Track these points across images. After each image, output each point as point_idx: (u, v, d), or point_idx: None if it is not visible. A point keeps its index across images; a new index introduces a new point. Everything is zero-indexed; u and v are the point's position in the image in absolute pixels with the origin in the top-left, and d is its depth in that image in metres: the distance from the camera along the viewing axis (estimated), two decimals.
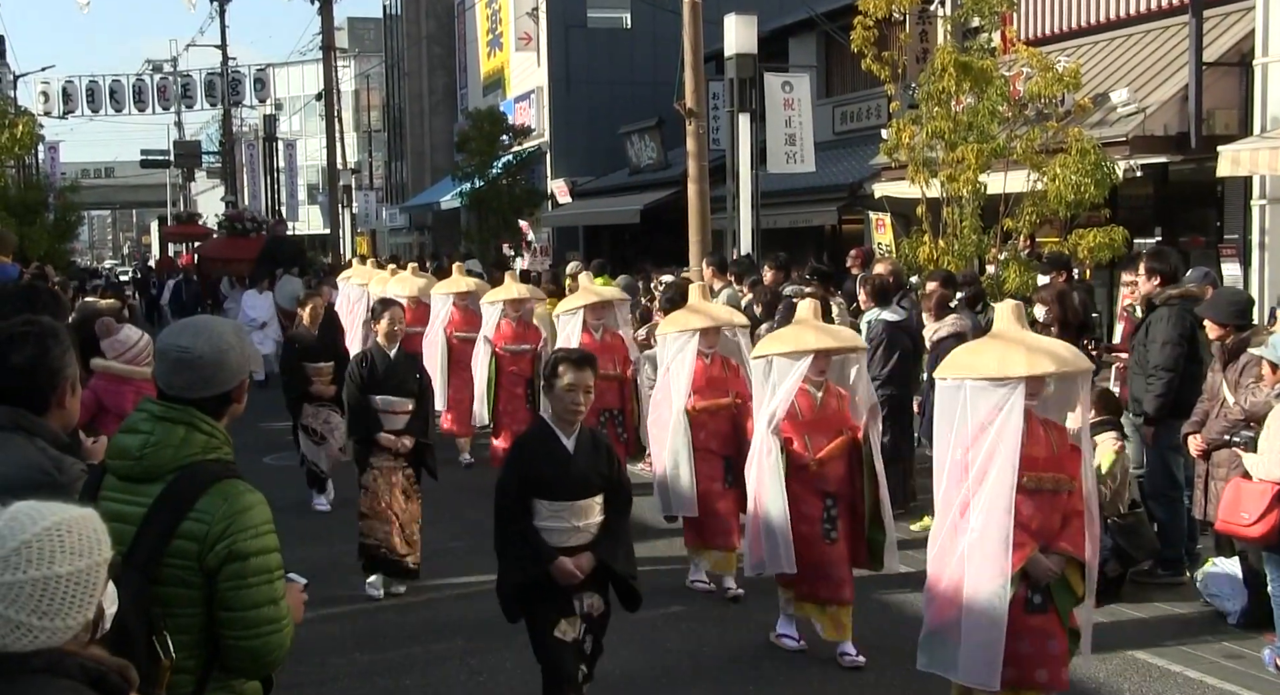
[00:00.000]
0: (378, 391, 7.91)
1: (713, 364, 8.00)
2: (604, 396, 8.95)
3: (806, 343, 6.65)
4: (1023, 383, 5.02)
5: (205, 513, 3.01)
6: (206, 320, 3.32)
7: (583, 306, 9.93)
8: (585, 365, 5.00)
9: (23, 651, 2.16)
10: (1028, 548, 5.02)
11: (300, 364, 10.64)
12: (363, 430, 7.94)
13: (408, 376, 8.08)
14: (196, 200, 58.83)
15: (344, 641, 7.18)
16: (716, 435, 7.94)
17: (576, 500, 5.00)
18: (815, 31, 23.22)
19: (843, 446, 6.71)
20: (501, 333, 11.48)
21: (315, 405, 10.61)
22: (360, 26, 64.19)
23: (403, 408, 7.98)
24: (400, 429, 7.94)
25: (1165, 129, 14.17)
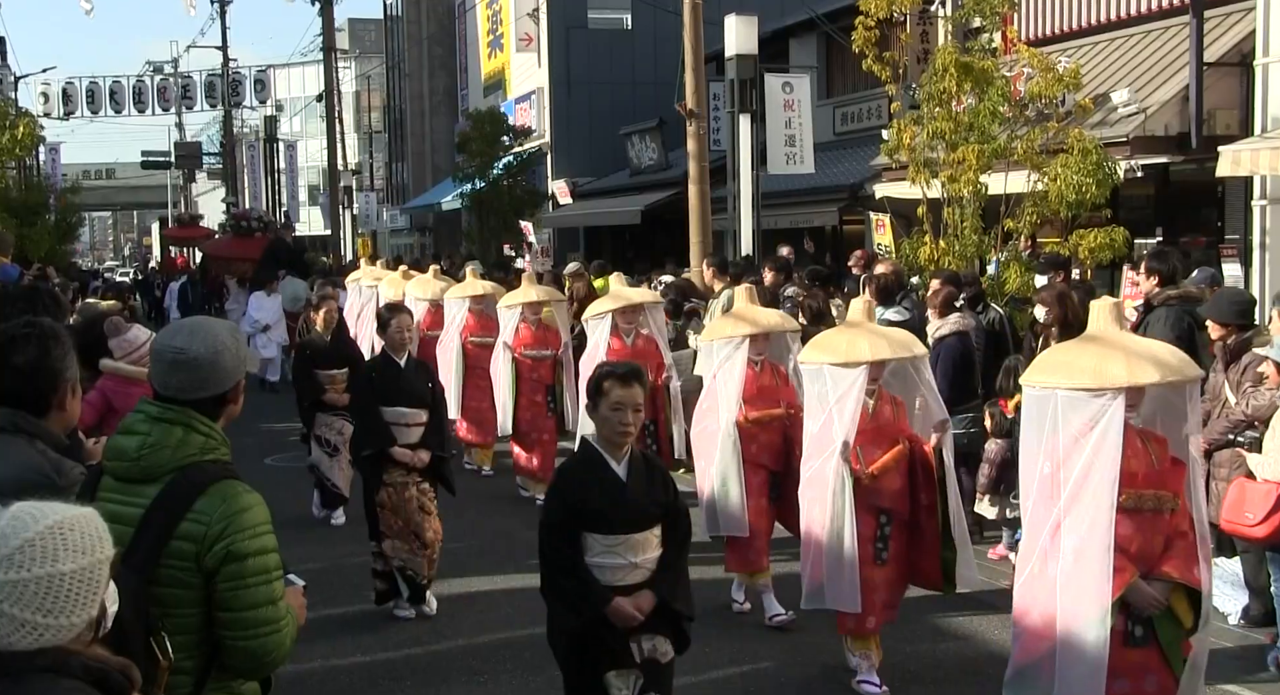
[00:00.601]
0: (388, 403, 7.47)
1: (762, 372, 7.51)
2: None
3: (861, 353, 6.06)
4: (1123, 394, 4.51)
5: (203, 514, 3.01)
6: (202, 321, 3.33)
7: (612, 310, 9.57)
8: (633, 380, 4.47)
9: (27, 650, 2.17)
10: (1127, 573, 4.52)
11: (312, 371, 10.17)
12: (374, 444, 7.45)
13: (420, 386, 7.64)
14: (197, 201, 58.78)
15: (344, 643, 7.18)
16: (767, 449, 7.45)
17: (633, 533, 4.48)
18: (816, 32, 23.21)
19: (899, 458, 6.19)
20: (521, 337, 10.98)
21: (329, 414, 10.10)
22: (361, 27, 64.17)
23: (416, 419, 7.54)
24: (414, 442, 7.50)
25: (1166, 129, 14.16)
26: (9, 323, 3.51)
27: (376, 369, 7.70)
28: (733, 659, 6.85)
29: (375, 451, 7.46)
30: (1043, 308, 8.90)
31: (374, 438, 7.45)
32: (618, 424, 4.44)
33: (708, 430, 7.54)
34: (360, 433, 7.66)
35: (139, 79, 44.05)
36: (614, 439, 4.48)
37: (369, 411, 7.51)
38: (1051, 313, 8.82)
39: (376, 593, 7.68)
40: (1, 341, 3.39)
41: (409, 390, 7.56)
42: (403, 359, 7.66)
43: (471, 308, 12.25)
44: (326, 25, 32.59)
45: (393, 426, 7.47)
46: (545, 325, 11.09)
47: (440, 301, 13.14)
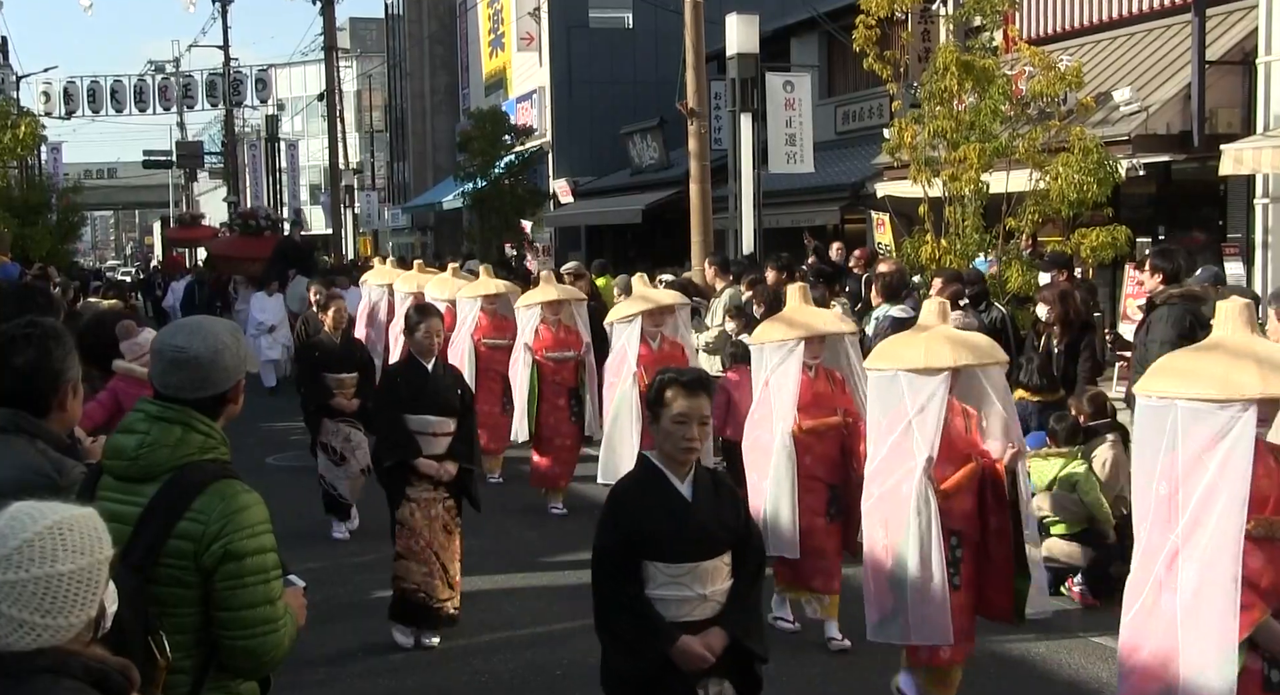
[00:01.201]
0: (415, 410, 6.88)
1: (818, 378, 6.97)
2: None
3: (942, 359, 5.45)
4: (1254, 406, 3.92)
5: (201, 513, 3.00)
6: (202, 320, 3.31)
7: (640, 313, 9.22)
8: (699, 389, 3.99)
9: (26, 650, 2.17)
10: (1256, 611, 3.93)
11: (320, 374, 9.60)
12: (398, 455, 6.84)
13: (449, 392, 7.08)
14: (199, 201, 58.81)
15: (346, 641, 7.17)
16: (823, 461, 6.90)
17: (701, 561, 3.97)
18: (817, 31, 23.21)
19: (972, 477, 5.61)
20: (541, 339, 10.48)
21: (336, 421, 9.52)
22: (362, 27, 64.23)
23: (444, 428, 6.96)
24: (441, 453, 6.93)
25: (1168, 128, 14.15)
26: (10, 323, 3.50)
27: (401, 373, 7.14)
28: None
29: (398, 463, 6.88)
30: (1045, 306, 8.89)
31: (397, 448, 6.86)
32: (682, 439, 3.96)
33: (760, 442, 6.99)
34: (382, 442, 7.01)
35: (140, 78, 44.08)
36: (677, 455, 4.00)
37: (392, 419, 6.89)
38: (1053, 311, 8.82)
39: (392, 614, 7.16)
40: (2, 342, 3.38)
41: (437, 397, 7.00)
42: (430, 363, 7.10)
43: (484, 307, 11.83)
44: (328, 24, 32.59)
45: (418, 436, 6.90)
46: (566, 326, 10.61)
47: (459, 302, 12.64)
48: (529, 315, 10.64)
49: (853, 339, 7.25)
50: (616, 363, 8.95)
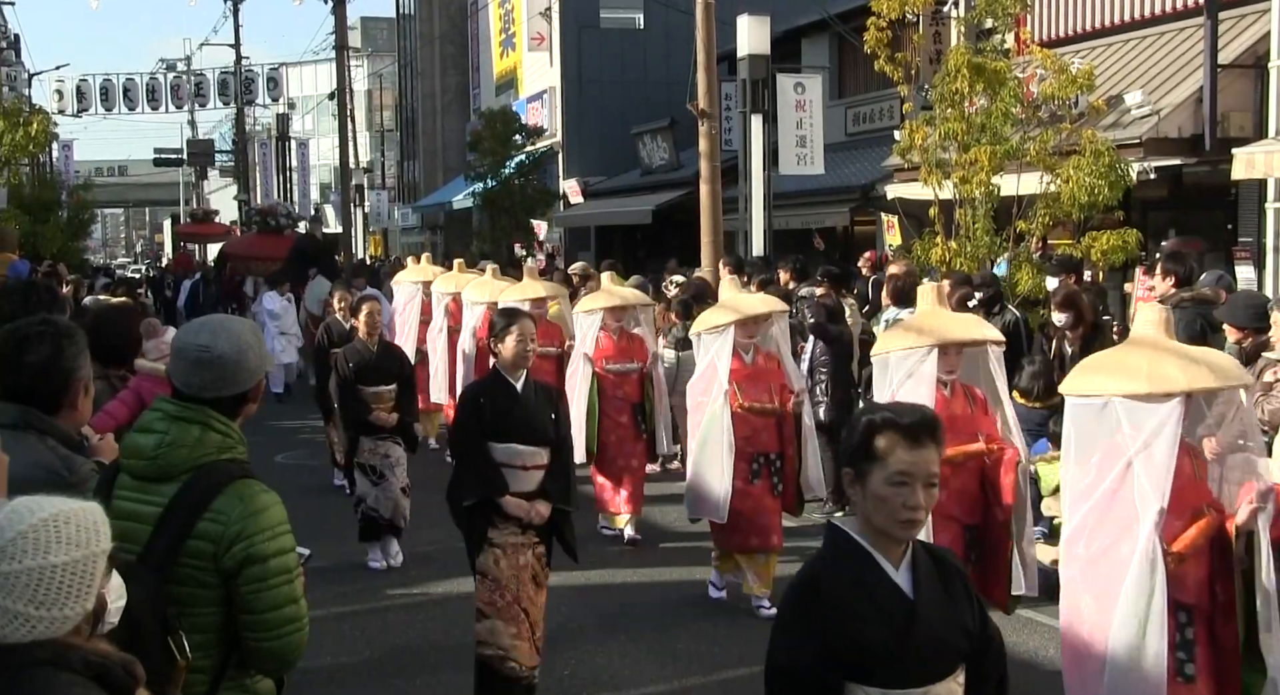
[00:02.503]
0: (501, 438, 5.75)
1: (954, 397, 5.93)
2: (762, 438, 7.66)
3: (1173, 382, 4.35)
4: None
5: (221, 513, 3.01)
6: (225, 320, 3.32)
7: (732, 323, 7.70)
8: (926, 436, 2.80)
9: (22, 642, 2.18)
10: None
11: (355, 387, 8.63)
12: (480, 492, 5.72)
13: (541, 417, 5.87)
14: (209, 198, 58.93)
15: (354, 640, 7.19)
16: (960, 497, 5.74)
17: (931, 684, 2.82)
18: (828, 32, 23.19)
19: (1209, 535, 4.46)
20: (602, 348, 9.43)
21: (374, 439, 8.63)
22: (373, 26, 64.31)
23: (535, 461, 5.81)
24: (531, 490, 5.78)
25: (1179, 131, 14.13)
26: (24, 320, 3.52)
27: (485, 393, 5.91)
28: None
29: (480, 502, 5.75)
30: (1060, 313, 8.90)
31: (479, 483, 5.73)
32: (902, 507, 2.76)
33: None
34: (462, 477, 5.83)
35: (152, 76, 44.32)
36: (892, 530, 2.79)
37: (474, 449, 5.79)
38: (1069, 316, 8.83)
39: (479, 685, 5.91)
40: (16, 339, 3.39)
41: (527, 422, 5.82)
42: (519, 380, 5.88)
43: (531, 312, 10.99)
44: (339, 24, 32.59)
45: (504, 469, 5.77)
46: (630, 334, 9.61)
47: None
48: (588, 322, 9.63)
49: (998, 349, 6.16)
50: (705, 379, 7.68)
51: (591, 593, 8.01)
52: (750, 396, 7.52)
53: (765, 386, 7.61)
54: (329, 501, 10.59)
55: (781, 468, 7.63)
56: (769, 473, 7.58)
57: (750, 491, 7.49)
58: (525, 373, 5.90)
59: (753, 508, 7.49)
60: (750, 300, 8.09)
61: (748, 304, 7.89)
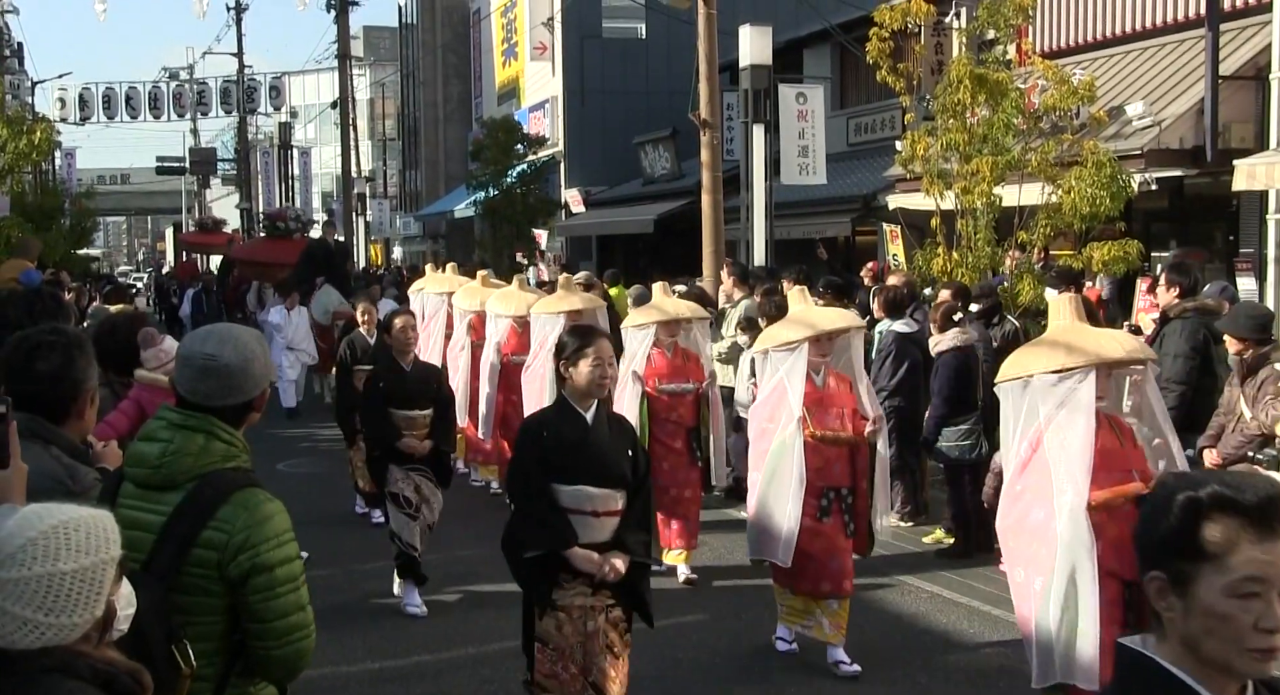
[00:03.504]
0: (569, 479, 4.88)
1: (1103, 429, 5.03)
2: None
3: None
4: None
5: (226, 522, 3.02)
6: (230, 328, 3.33)
7: (805, 339, 6.80)
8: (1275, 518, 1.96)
9: (31, 649, 2.18)
10: None
11: (387, 410, 7.80)
12: (545, 544, 4.84)
13: (616, 455, 5.00)
14: (211, 207, 59.03)
15: (355, 649, 7.19)
16: (1116, 546, 4.81)
17: None
18: (830, 43, 23.24)
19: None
20: (654, 366, 8.56)
21: (406, 467, 7.76)
22: (376, 35, 64.43)
23: (609, 505, 4.93)
24: (605, 540, 4.90)
25: (1181, 142, 14.14)
26: (34, 328, 3.53)
27: (550, 424, 5.03)
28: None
29: (545, 554, 4.85)
30: None
31: (543, 533, 4.85)
32: (1253, 630, 1.95)
33: (1031, 522, 5.04)
34: (523, 525, 4.94)
35: (155, 85, 44.37)
36: (1237, 661, 1.97)
37: (536, 492, 4.90)
38: None
39: None
40: (27, 347, 3.40)
41: (601, 460, 4.95)
42: (590, 411, 5.02)
43: (565, 326, 8.96)
44: (342, 33, 32.71)
45: (572, 516, 4.88)
46: (685, 351, 8.73)
47: (527, 319, 10.75)
48: (639, 338, 8.70)
49: (1153, 366, 5.58)
50: (772, 404, 6.78)
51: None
52: (822, 423, 6.65)
53: (838, 412, 6.76)
54: (331, 509, 10.57)
55: (853, 504, 6.76)
56: (840, 509, 6.72)
57: (821, 530, 6.62)
58: (597, 403, 5.05)
59: (824, 548, 6.63)
60: (826, 314, 7.12)
61: (823, 318, 6.92)
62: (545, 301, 10.54)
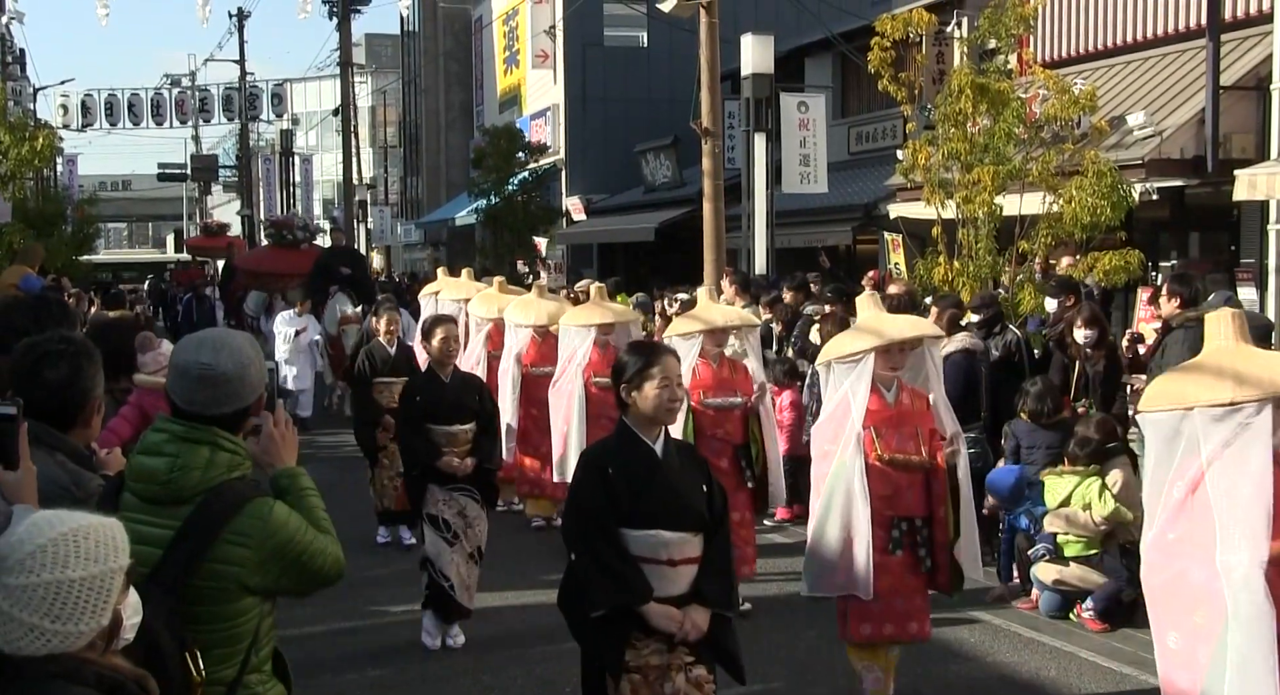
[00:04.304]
0: (640, 523, 4.25)
1: None
2: None
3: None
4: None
5: (246, 536, 3.05)
6: (223, 335, 3.31)
7: (872, 350, 5.99)
8: None
9: (38, 656, 2.19)
10: None
11: (424, 426, 7.20)
12: (616, 598, 4.19)
13: (692, 492, 4.37)
14: (213, 213, 59.09)
15: (357, 656, 7.18)
16: None
17: None
18: (831, 52, 23.27)
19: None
20: (699, 379, 7.78)
21: (446, 489, 7.10)
22: (378, 43, 64.51)
23: (686, 552, 4.31)
24: (682, 592, 4.27)
25: (1182, 152, 14.16)
26: (42, 336, 3.54)
27: (614, 459, 4.37)
28: None
29: (617, 609, 4.21)
30: (1085, 329, 8.94)
31: (613, 587, 4.21)
32: None
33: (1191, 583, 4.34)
34: (588, 578, 4.27)
35: (157, 92, 44.41)
36: None
37: (604, 539, 4.24)
38: (1093, 332, 8.87)
39: None
40: (35, 355, 3.41)
41: (676, 499, 4.32)
42: (658, 440, 4.41)
43: (597, 339, 9.43)
44: (344, 40, 32.78)
45: (646, 566, 4.25)
46: (732, 363, 8.10)
47: (549, 328, 10.26)
48: (684, 348, 7.73)
49: None
50: (835, 421, 6.01)
51: None
52: (891, 445, 5.87)
53: (911, 432, 5.94)
54: (330, 507, 10.52)
55: (930, 536, 5.91)
56: (913, 542, 5.88)
57: (889, 565, 5.80)
58: (664, 431, 4.45)
59: (890, 587, 5.81)
60: (896, 322, 6.31)
61: (893, 326, 6.12)
62: (574, 313, 9.97)
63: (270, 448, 3.26)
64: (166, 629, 2.74)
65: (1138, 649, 7.15)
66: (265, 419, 3.27)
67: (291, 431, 3.35)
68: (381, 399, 9.54)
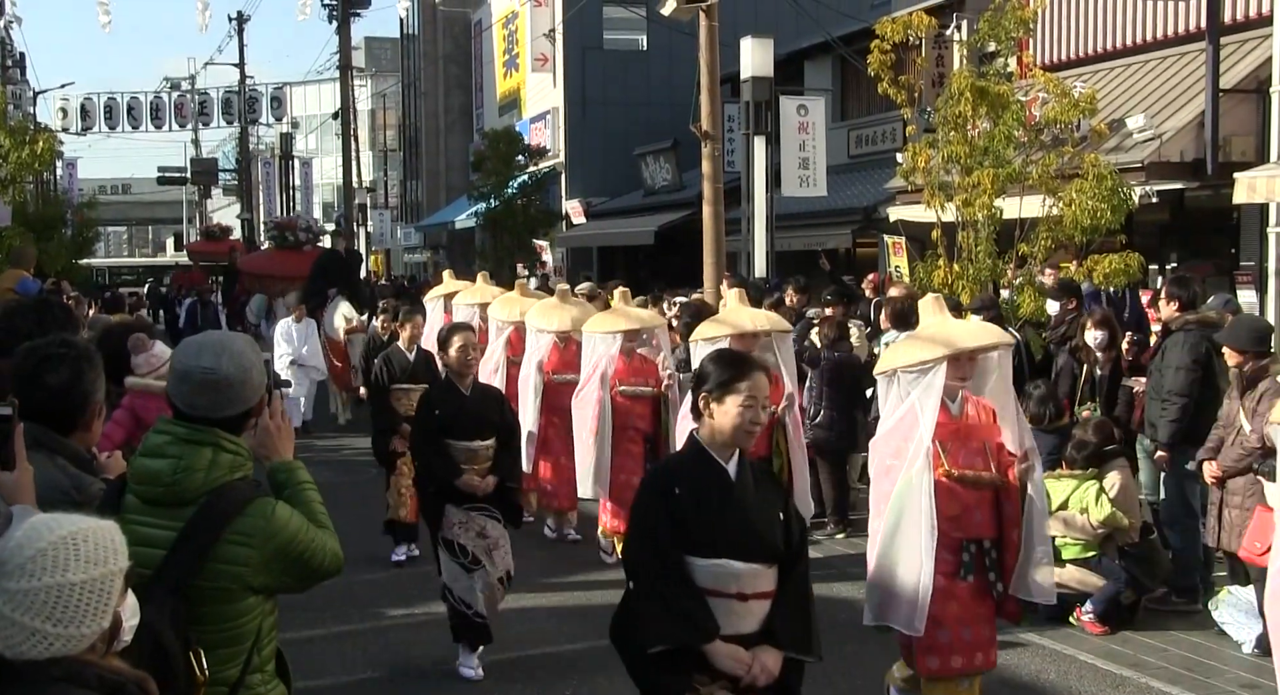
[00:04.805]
0: (709, 551, 3.83)
1: None
2: None
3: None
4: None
5: (250, 536, 3.07)
6: (224, 338, 3.31)
7: (944, 358, 5.38)
8: None
9: (39, 659, 2.20)
10: None
11: (442, 441, 6.73)
12: (680, 636, 3.77)
13: (769, 517, 3.94)
14: (212, 217, 59.08)
15: (355, 662, 7.18)
16: None
17: None
18: (831, 55, 23.30)
19: None
20: None
21: (465, 509, 6.66)
22: (377, 46, 64.52)
23: (759, 586, 3.88)
24: (753, 630, 3.85)
25: (1181, 155, 14.16)
26: (43, 340, 3.54)
27: (684, 480, 3.93)
28: None
29: (678, 646, 3.79)
30: (1096, 331, 8.93)
31: (676, 623, 3.78)
32: None
33: None
34: (648, 610, 3.84)
35: (156, 95, 44.45)
36: None
37: (669, 565, 3.83)
38: (1103, 335, 8.87)
39: None
40: (36, 359, 3.41)
41: (747, 524, 3.88)
42: (733, 461, 3.94)
43: (623, 347, 9.09)
44: (343, 44, 32.73)
45: (713, 600, 3.81)
46: None
47: (572, 334, 9.90)
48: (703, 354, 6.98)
49: None
50: (899, 435, 5.49)
51: (592, 614, 7.98)
52: (959, 461, 5.40)
53: (979, 447, 5.48)
54: (330, 506, 10.51)
55: (999, 559, 5.45)
56: (983, 566, 5.43)
57: (956, 592, 5.35)
58: (739, 452, 3.95)
59: (958, 615, 5.36)
60: (968, 329, 5.90)
61: (964, 333, 5.63)
62: (598, 319, 9.55)
63: (267, 440, 3.29)
64: (172, 629, 2.76)
65: (1137, 651, 7.17)
66: (261, 412, 3.28)
67: (288, 423, 3.38)
68: (400, 406, 9.12)
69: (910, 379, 5.46)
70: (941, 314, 5.76)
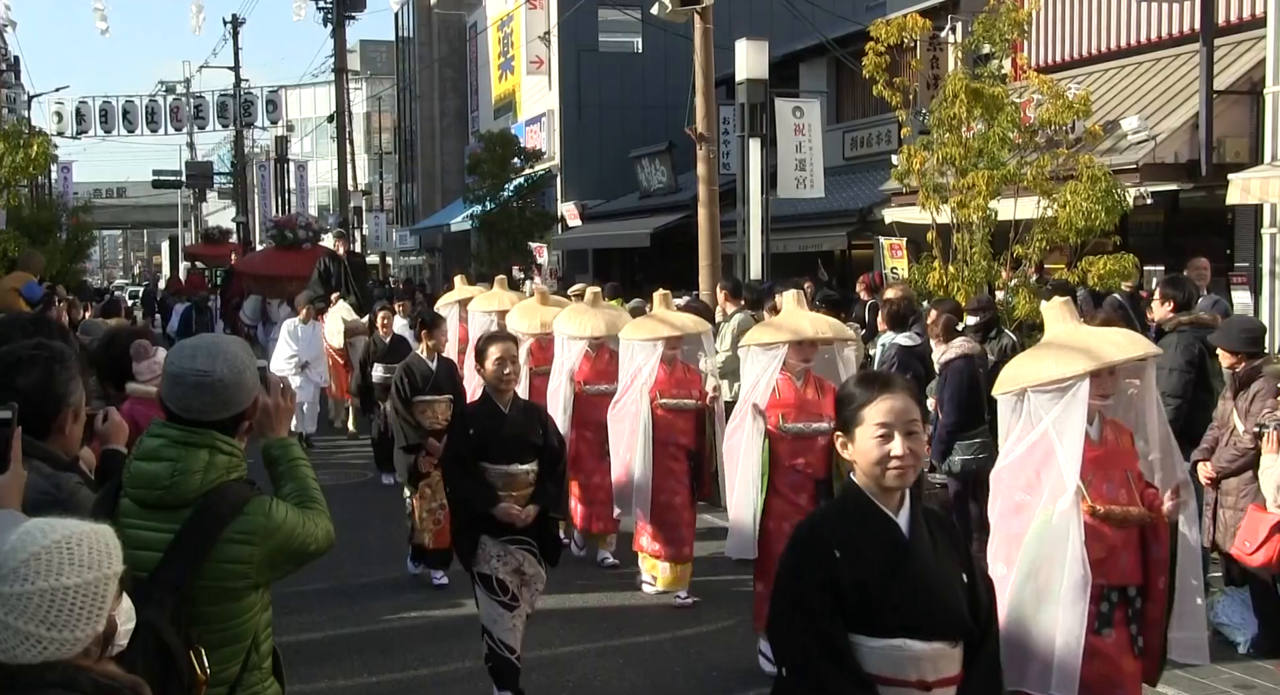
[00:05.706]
0: (880, 630, 3.09)
1: None
2: None
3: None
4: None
5: (250, 534, 3.09)
6: (217, 340, 3.32)
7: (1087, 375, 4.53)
8: None
9: (33, 663, 2.20)
10: None
11: (478, 465, 6.07)
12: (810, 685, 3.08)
13: (949, 580, 3.16)
14: (207, 220, 59.05)
15: (350, 661, 7.17)
16: None
17: None
18: (826, 57, 23.32)
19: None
20: (779, 399, 6.78)
21: (501, 541, 6.01)
22: (372, 49, 64.50)
23: (942, 669, 3.14)
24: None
25: (1176, 157, 14.20)
26: (17, 343, 3.53)
27: (842, 537, 3.13)
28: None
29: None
30: None
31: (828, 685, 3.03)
32: None
33: None
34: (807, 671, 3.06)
35: (152, 99, 44.39)
36: None
37: (832, 647, 3.06)
38: None
39: None
40: (9, 362, 3.41)
41: (928, 592, 3.11)
42: (902, 510, 3.18)
43: (664, 355, 8.39)
44: (338, 47, 32.72)
45: (889, 691, 3.08)
46: (819, 380, 6.95)
47: (606, 341, 9.30)
48: (764, 362, 6.85)
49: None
50: (1032, 466, 4.69)
51: (588, 615, 7.98)
52: (1103, 494, 4.64)
53: (1122, 478, 4.71)
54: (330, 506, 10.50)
55: (1143, 609, 4.70)
56: (1126, 617, 4.68)
57: (1100, 648, 4.58)
58: (905, 492, 3.18)
59: (1103, 675, 4.58)
60: (1109, 338, 4.85)
61: (1107, 343, 4.75)
62: (638, 324, 8.84)
63: (264, 418, 3.32)
64: (174, 629, 2.77)
65: None
66: (260, 390, 3.31)
67: (288, 399, 3.40)
68: (424, 420, 8.65)
69: (1045, 399, 4.62)
70: (1072, 320, 4.93)
